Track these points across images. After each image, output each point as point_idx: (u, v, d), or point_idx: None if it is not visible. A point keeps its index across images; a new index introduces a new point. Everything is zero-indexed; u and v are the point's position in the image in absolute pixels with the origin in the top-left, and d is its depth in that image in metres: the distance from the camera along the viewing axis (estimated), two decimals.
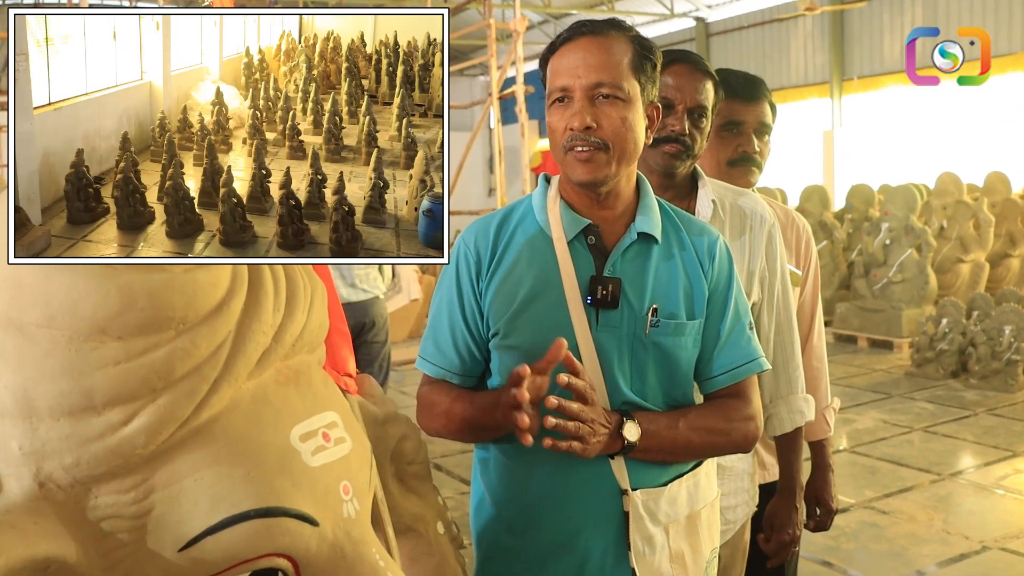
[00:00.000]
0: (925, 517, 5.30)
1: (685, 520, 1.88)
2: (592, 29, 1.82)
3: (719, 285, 1.89)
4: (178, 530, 1.07)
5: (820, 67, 20.45)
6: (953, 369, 8.65)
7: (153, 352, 1.06)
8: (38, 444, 1.05)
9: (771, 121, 2.68)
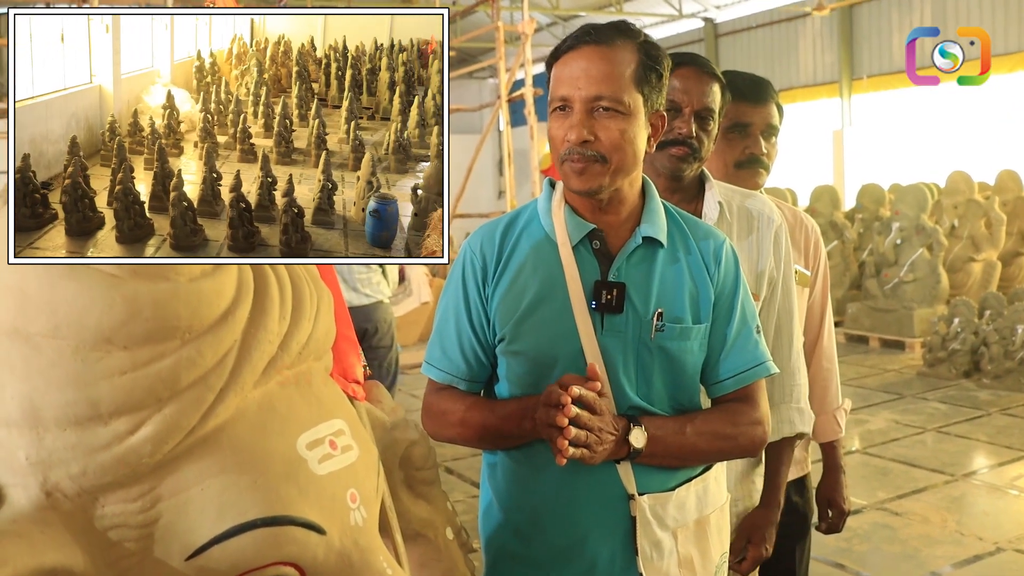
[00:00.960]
0: (938, 518, 5.27)
1: (694, 525, 1.87)
2: (597, 37, 1.79)
3: (725, 289, 1.88)
4: (185, 539, 1.08)
5: (829, 67, 20.39)
6: (966, 369, 8.61)
7: (159, 361, 1.06)
8: (44, 454, 1.05)
9: (778, 123, 2.67)
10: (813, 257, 2.71)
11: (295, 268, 1.26)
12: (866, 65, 19.64)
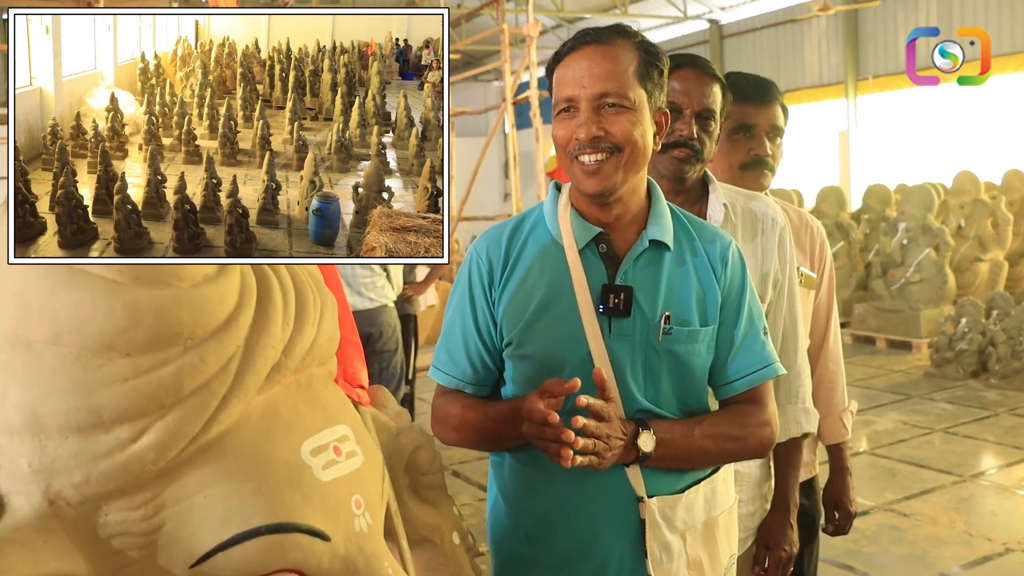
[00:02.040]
0: (947, 519, 5.26)
1: (702, 527, 1.87)
2: (597, 38, 1.80)
3: (732, 291, 1.88)
4: (189, 547, 1.07)
5: (835, 67, 20.37)
6: (973, 369, 8.58)
7: (161, 368, 1.06)
8: (47, 461, 1.05)
9: (783, 124, 2.66)
10: (819, 259, 2.70)
11: (298, 273, 1.26)
12: (871, 66, 19.61)
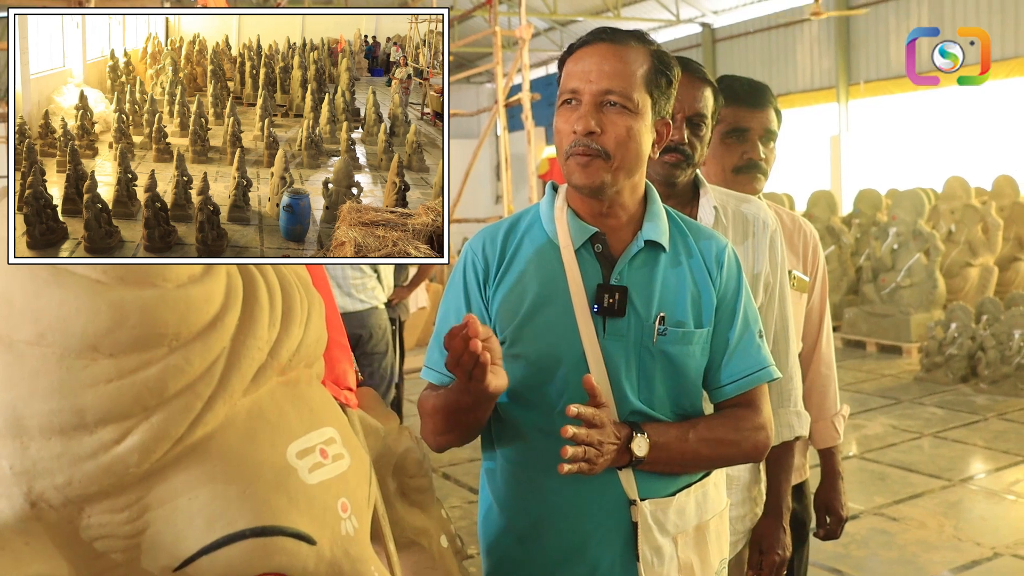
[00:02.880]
0: (936, 523, 5.26)
1: (694, 530, 1.86)
2: (612, 36, 1.80)
3: (727, 293, 1.87)
4: (173, 549, 1.06)
5: (827, 72, 20.41)
6: (963, 374, 8.60)
7: (146, 369, 1.05)
8: (29, 463, 1.04)
9: (777, 128, 2.66)
10: (812, 262, 2.70)
11: (285, 273, 1.25)
12: (863, 70, 19.65)
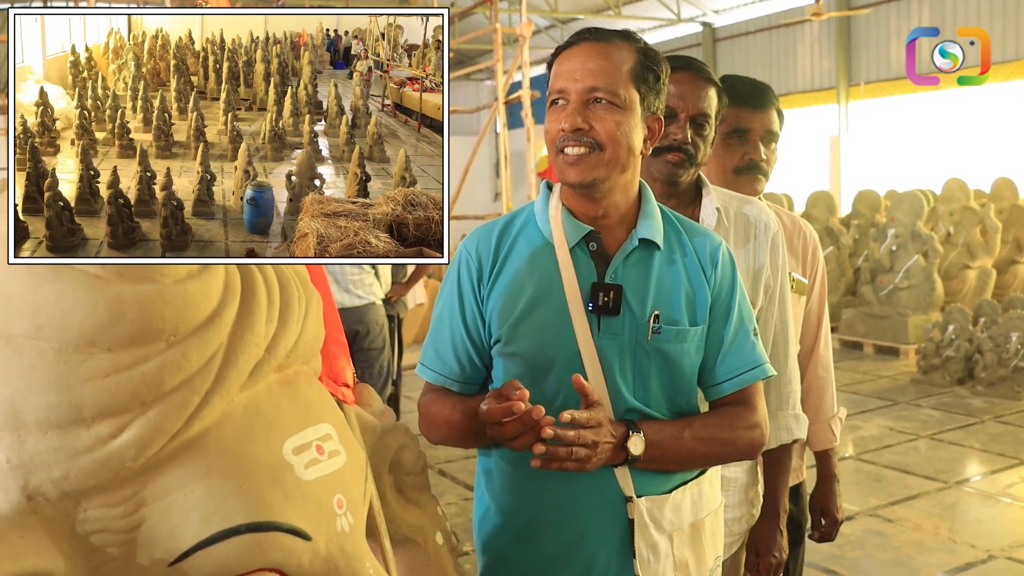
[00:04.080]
0: (931, 525, 5.27)
1: (689, 528, 1.87)
2: (596, 35, 1.81)
3: (722, 291, 1.87)
4: (168, 544, 1.06)
5: (827, 72, 20.41)
6: (959, 376, 8.61)
7: (143, 364, 1.04)
8: (26, 457, 1.03)
9: (778, 129, 2.65)
10: (811, 264, 2.69)
11: (283, 270, 1.25)
12: (864, 71, 19.65)
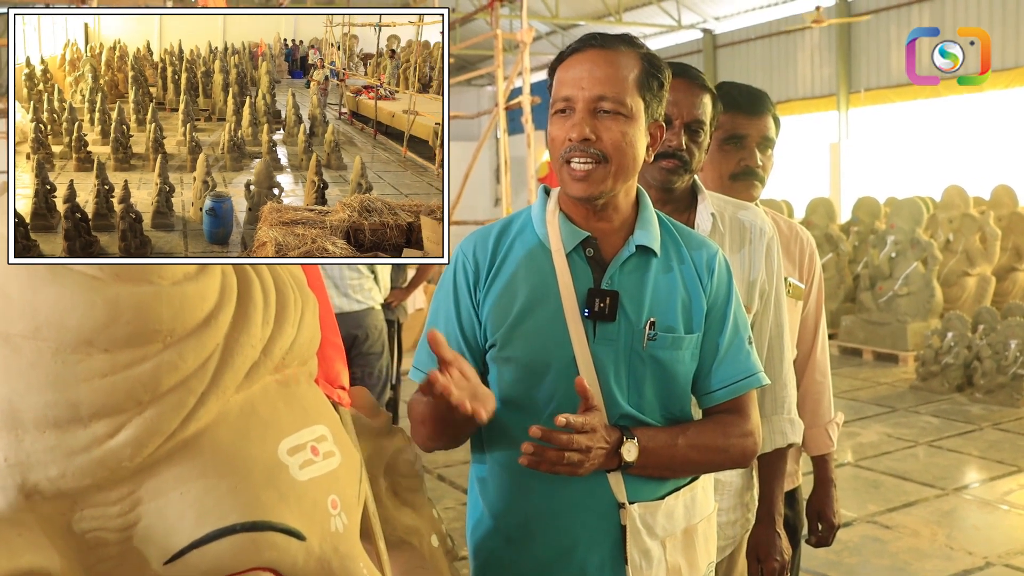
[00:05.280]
0: (928, 532, 5.27)
1: (682, 534, 1.87)
2: (602, 42, 1.81)
3: (718, 299, 1.88)
4: (164, 543, 1.07)
5: (827, 79, 20.42)
6: (958, 383, 8.61)
7: (140, 365, 1.05)
8: (23, 455, 1.04)
9: (775, 135, 2.66)
10: (808, 269, 2.70)
11: (279, 272, 1.26)
12: (864, 78, 19.66)
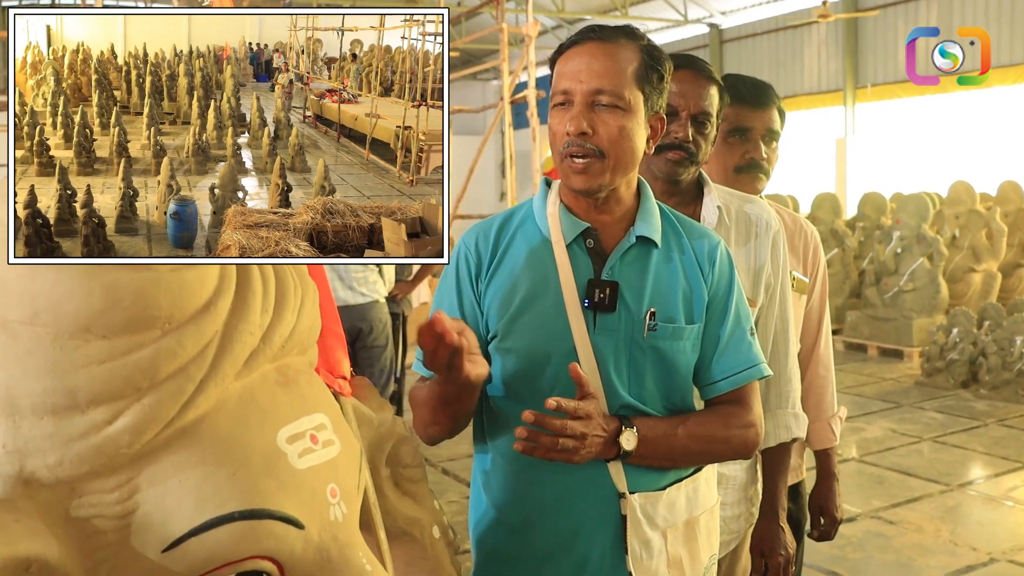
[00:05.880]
0: (932, 528, 5.26)
1: (683, 525, 1.87)
2: (601, 35, 1.80)
3: (719, 290, 1.88)
4: (162, 531, 1.06)
5: (833, 74, 20.39)
6: (963, 379, 8.60)
7: (138, 351, 1.05)
8: (21, 442, 1.04)
9: (779, 128, 2.65)
10: (812, 263, 2.69)
11: None
12: (870, 74, 19.63)
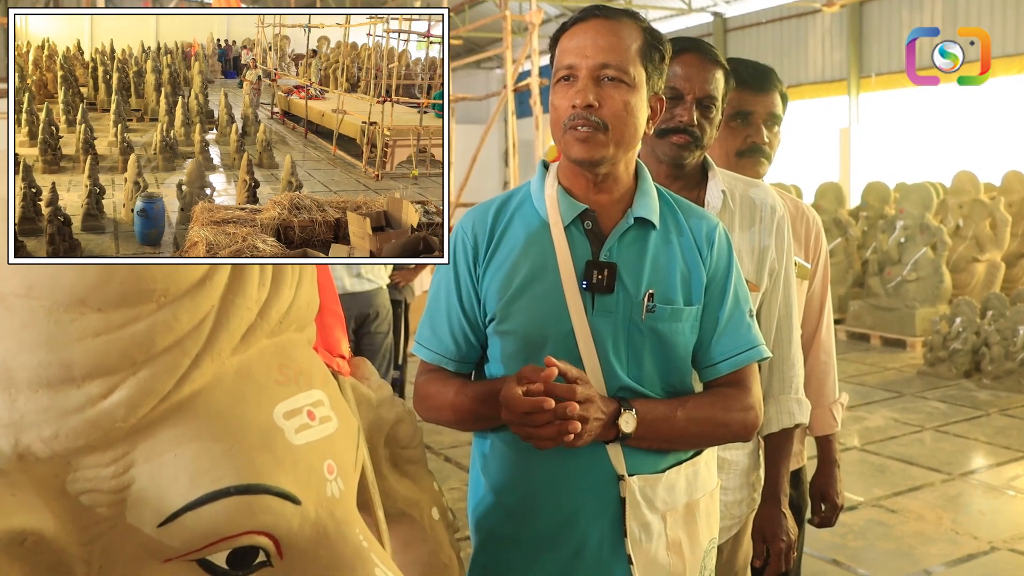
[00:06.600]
0: (934, 516, 5.26)
1: (683, 508, 1.86)
2: (604, 12, 1.82)
3: (718, 271, 1.87)
4: (158, 505, 1.06)
5: (838, 64, 20.32)
6: (966, 369, 8.59)
7: (134, 325, 1.04)
8: (16, 416, 1.04)
9: (781, 112, 2.64)
10: (814, 249, 2.69)
11: None
12: (875, 63, 19.56)
